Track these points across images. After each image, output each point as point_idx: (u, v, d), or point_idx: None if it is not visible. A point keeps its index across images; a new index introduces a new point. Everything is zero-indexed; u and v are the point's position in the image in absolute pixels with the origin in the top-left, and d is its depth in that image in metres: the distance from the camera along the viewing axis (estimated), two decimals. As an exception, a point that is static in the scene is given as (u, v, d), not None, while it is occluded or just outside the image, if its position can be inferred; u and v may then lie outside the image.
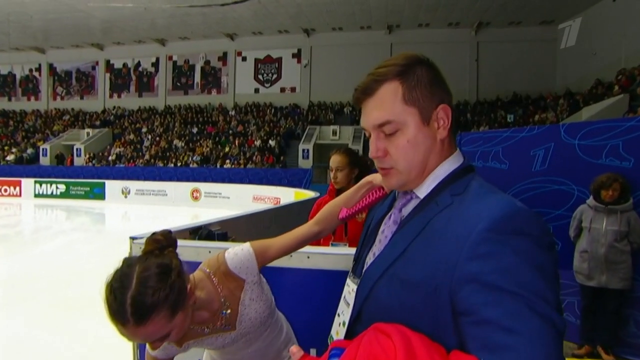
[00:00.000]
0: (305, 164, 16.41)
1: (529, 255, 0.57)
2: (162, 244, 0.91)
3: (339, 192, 2.23)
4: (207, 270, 1.00)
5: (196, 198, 14.75)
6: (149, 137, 20.02)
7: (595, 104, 11.32)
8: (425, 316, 0.62)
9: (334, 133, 17.59)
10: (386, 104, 0.70)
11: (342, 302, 0.81)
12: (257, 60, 20.98)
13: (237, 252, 1.00)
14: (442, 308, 0.60)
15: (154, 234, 0.93)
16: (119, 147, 19.69)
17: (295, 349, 0.65)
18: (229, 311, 1.00)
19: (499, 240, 0.57)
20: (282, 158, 16.94)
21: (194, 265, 1.43)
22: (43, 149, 19.84)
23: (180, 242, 1.64)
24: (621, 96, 10.15)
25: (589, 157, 3.07)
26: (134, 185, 15.66)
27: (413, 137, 0.70)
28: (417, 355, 0.54)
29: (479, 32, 18.07)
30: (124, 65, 22.71)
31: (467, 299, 0.57)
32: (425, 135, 0.71)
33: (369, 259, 0.77)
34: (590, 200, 2.91)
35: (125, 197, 15.51)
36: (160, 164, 17.72)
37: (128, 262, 0.85)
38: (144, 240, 1.61)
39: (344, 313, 0.79)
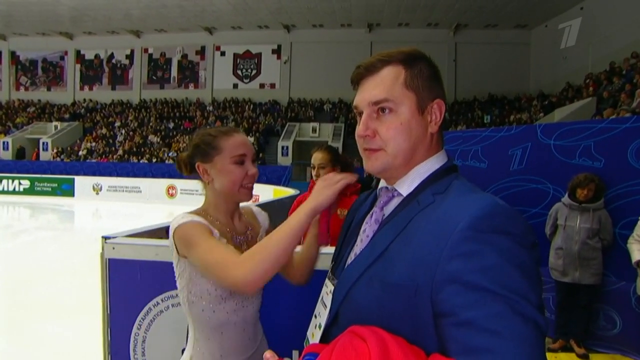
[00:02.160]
0: (285, 161, 16.33)
1: (511, 254, 0.56)
2: None
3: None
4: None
5: (172, 195, 14.47)
6: (123, 131, 19.38)
7: (567, 105, 11.82)
8: (405, 319, 0.60)
9: (314, 130, 17.55)
10: (387, 83, 0.71)
11: (319, 304, 0.80)
12: (236, 55, 20.67)
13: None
14: (423, 310, 0.58)
15: None
16: (90, 142, 18.95)
17: (269, 355, 0.62)
18: (251, 236, 1.11)
19: (480, 238, 0.56)
20: (261, 155, 16.77)
21: (170, 265, 1.36)
22: (4, 142, 18.64)
23: (156, 242, 1.57)
24: (589, 99, 10.65)
25: (563, 157, 3.17)
26: (106, 181, 15.14)
27: (407, 121, 0.70)
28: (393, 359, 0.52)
29: (457, 33, 18.47)
30: (96, 56, 21.81)
31: (448, 300, 0.55)
32: (418, 124, 0.71)
33: (350, 260, 0.76)
34: (565, 199, 3.00)
35: (97, 193, 14.98)
36: (135, 160, 17.19)
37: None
38: (117, 240, 1.53)
39: (320, 315, 0.77)
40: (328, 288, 0.77)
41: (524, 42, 17.84)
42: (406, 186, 0.72)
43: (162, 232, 1.80)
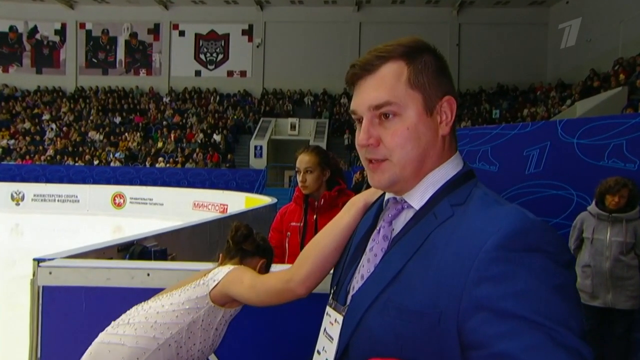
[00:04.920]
0: (258, 163, 16.35)
1: (547, 275, 0.59)
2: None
3: (307, 198, 2.20)
4: None
5: (119, 205, 14.32)
6: (54, 126, 19.01)
7: (591, 97, 12.07)
8: (427, 350, 0.63)
9: (293, 127, 17.64)
10: (388, 84, 0.73)
11: (322, 336, 0.81)
12: (198, 36, 20.61)
13: None
14: (448, 340, 0.61)
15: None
16: (7, 139, 18.44)
17: None
18: None
19: (511, 258, 0.59)
20: (229, 156, 16.74)
21: (128, 292, 1.31)
22: None
23: (107, 263, 1.53)
24: (619, 89, 10.86)
25: (589, 158, 3.26)
26: (30, 188, 14.79)
27: (414, 125, 0.73)
28: None
29: (461, 12, 18.92)
30: (12, 28, 21.24)
31: (478, 329, 0.58)
32: (427, 127, 0.74)
33: (355, 282, 0.78)
34: (592, 207, 3.07)
35: (17, 204, 14.60)
36: (70, 162, 16.87)
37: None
38: (55, 263, 1.47)
39: (326, 349, 0.79)
40: (332, 317, 0.79)
41: (540, 22, 18.37)
42: (418, 197, 0.75)
43: (112, 251, 1.75)
